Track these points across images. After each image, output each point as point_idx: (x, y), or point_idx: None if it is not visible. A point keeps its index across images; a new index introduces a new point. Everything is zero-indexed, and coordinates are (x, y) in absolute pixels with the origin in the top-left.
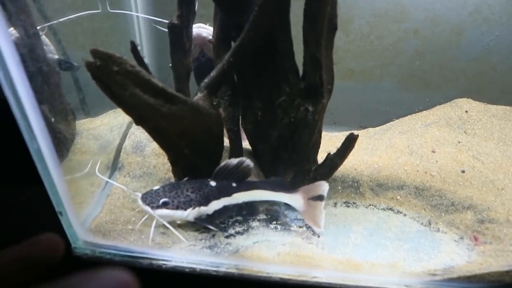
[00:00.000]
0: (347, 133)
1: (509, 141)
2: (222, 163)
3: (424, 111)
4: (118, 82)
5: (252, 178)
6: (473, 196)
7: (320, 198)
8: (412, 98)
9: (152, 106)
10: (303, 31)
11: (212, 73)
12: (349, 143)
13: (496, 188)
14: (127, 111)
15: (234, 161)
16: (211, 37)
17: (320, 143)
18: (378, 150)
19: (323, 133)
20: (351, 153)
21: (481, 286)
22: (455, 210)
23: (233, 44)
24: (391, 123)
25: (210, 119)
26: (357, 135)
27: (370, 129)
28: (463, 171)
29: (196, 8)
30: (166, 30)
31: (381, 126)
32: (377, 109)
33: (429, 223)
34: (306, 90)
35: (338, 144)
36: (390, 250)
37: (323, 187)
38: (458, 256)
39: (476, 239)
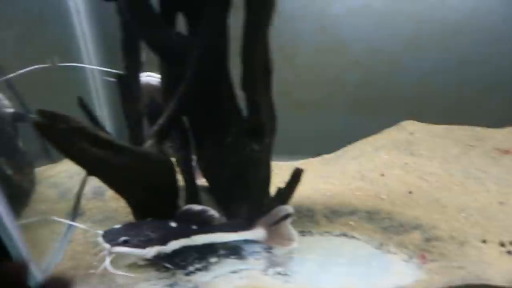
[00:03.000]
0: (303, 161)
1: (451, 158)
2: (186, 207)
3: (374, 135)
4: (65, 138)
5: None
6: (420, 215)
7: (285, 218)
8: (362, 123)
9: (101, 158)
10: (240, 77)
11: (159, 121)
12: (295, 177)
13: (440, 206)
14: (78, 164)
15: (197, 207)
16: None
17: (270, 177)
18: (331, 177)
19: (281, 164)
20: (306, 182)
21: None
22: (404, 230)
23: None
24: (344, 149)
25: (160, 165)
26: (302, 170)
27: (326, 156)
28: (410, 192)
29: (143, 58)
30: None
31: (335, 152)
32: (330, 136)
33: (381, 246)
34: (250, 130)
35: None
36: (343, 276)
37: (283, 208)
38: (407, 276)
39: (423, 257)
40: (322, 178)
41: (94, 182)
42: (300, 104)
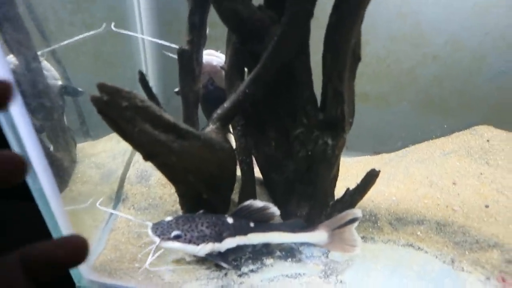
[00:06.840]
0: (359, 158)
1: None
2: (247, 202)
3: (442, 138)
4: (126, 117)
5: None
6: (498, 233)
7: (351, 222)
8: (429, 124)
9: (162, 142)
10: (324, 63)
11: (226, 104)
12: (370, 179)
13: None
14: (136, 147)
15: (259, 203)
16: (221, 65)
17: (338, 176)
18: (395, 179)
19: None
20: None
21: None
22: (479, 248)
23: (246, 72)
24: (407, 149)
25: (224, 153)
26: (379, 171)
27: (385, 155)
28: (487, 206)
29: (207, 32)
30: (174, 56)
31: (396, 152)
32: (392, 135)
33: (452, 262)
34: (326, 122)
35: (351, 170)
36: None
37: (352, 212)
38: None
39: (504, 280)
40: (384, 179)
41: (139, 165)
42: (363, 96)
